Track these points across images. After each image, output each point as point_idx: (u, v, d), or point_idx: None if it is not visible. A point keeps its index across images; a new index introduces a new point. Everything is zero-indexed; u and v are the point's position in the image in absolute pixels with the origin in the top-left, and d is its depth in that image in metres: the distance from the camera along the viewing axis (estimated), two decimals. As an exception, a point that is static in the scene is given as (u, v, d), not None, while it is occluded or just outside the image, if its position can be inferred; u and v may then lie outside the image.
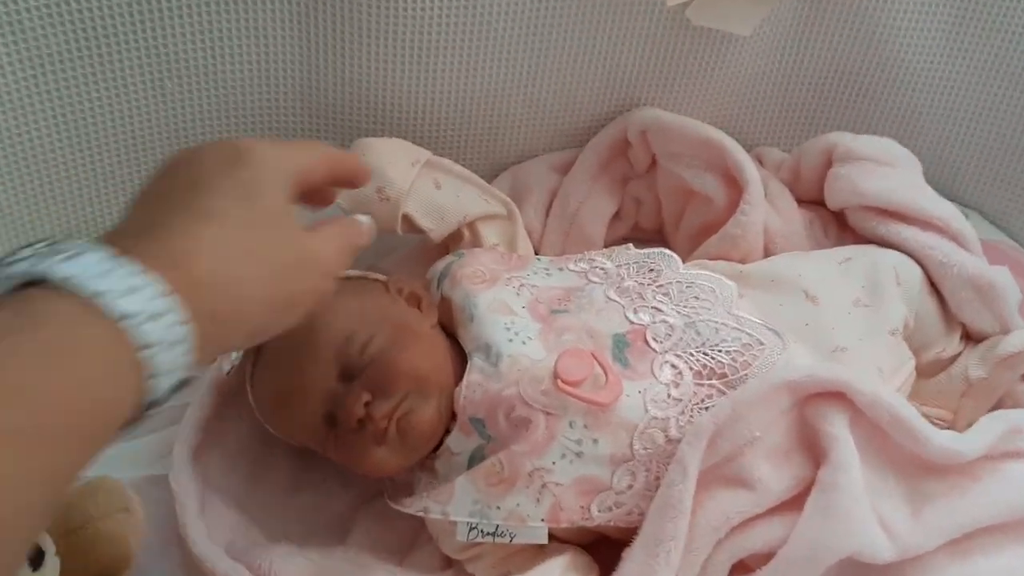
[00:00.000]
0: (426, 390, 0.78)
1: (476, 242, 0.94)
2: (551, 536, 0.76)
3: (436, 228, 0.92)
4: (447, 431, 0.79)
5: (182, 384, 0.47)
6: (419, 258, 0.97)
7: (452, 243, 0.95)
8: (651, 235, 1.06)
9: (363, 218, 0.68)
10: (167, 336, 0.45)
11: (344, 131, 0.98)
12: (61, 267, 0.43)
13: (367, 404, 0.76)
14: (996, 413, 0.81)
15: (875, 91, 1.08)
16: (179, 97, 0.91)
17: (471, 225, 0.94)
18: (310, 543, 0.81)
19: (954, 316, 0.91)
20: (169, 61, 0.88)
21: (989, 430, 0.76)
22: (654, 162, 1.02)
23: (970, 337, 0.92)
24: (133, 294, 0.44)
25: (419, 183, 0.90)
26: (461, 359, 0.81)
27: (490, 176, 1.06)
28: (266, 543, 0.80)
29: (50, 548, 0.68)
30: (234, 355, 0.77)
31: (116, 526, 0.74)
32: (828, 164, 0.98)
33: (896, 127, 1.09)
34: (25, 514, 0.39)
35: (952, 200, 0.96)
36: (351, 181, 0.67)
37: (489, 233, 0.94)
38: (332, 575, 0.77)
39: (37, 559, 0.65)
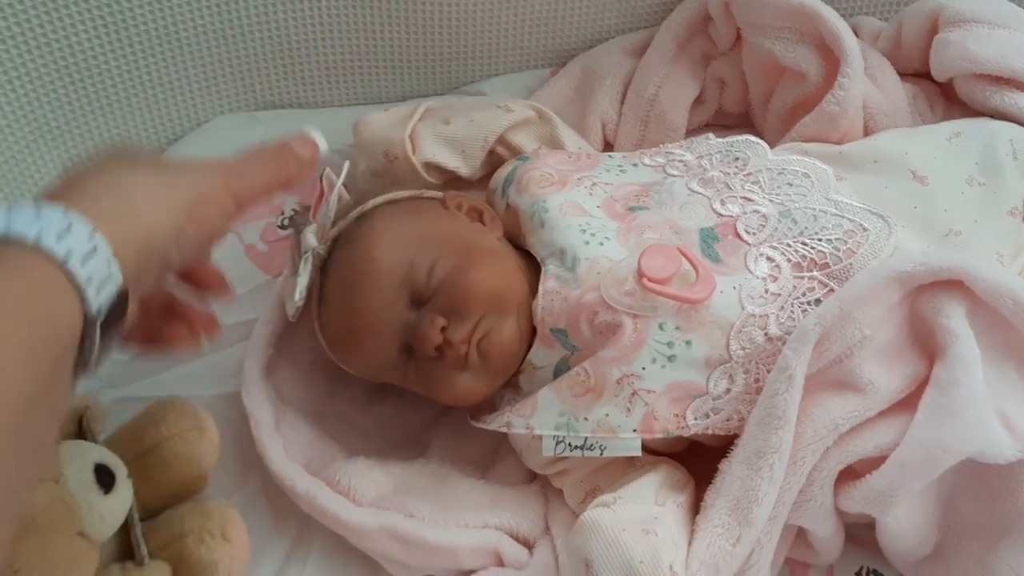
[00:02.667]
0: (503, 308, 0.73)
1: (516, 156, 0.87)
2: (644, 448, 0.72)
3: (463, 163, 0.86)
4: (528, 346, 0.74)
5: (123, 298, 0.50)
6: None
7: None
8: (737, 119, 0.98)
9: (310, 132, 0.64)
10: (79, 247, 0.47)
11: (409, 32, 0.94)
12: None
13: (443, 329, 0.71)
14: None
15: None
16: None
17: (502, 141, 0.87)
18: (388, 456, 0.78)
19: (1081, 195, 0.83)
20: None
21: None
22: (739, 38, 0.93)
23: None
24: (37, 220, 0.47)
25: (423, 129, 0.86)
26: (533, 271, 0.76)
27: (556, 65, 0.99)
28: (344, 458, 0.77)
29: (121, 471, 0.66)
30: (297, 296, 0.74)
31: (188, 446, 0.72)
32: (934, 30, 0.89)
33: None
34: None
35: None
36: (292, 178, 0.62)
37: (524, 141, 0.87)
38: (412, 488, 0.75)
39: (109, 482, 0.64)
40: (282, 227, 0.92)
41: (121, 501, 0.65)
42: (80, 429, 0.69)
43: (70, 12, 0.83)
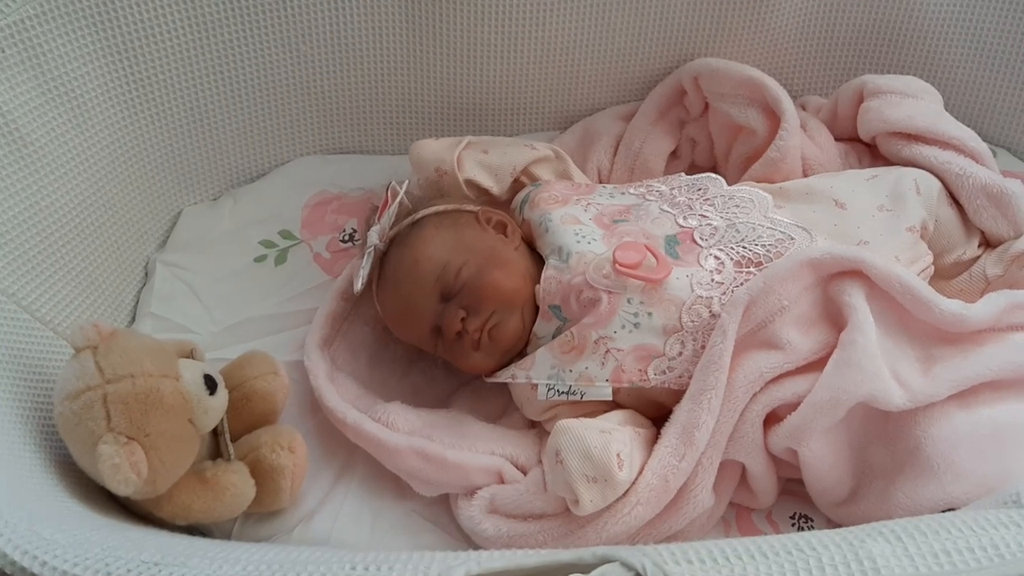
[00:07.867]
0: (510, 306, 0.94)
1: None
2: (618, 405, 0.92)
3: (495, 184, 1.09)
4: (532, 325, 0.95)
5: None
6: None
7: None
8: (706, 171, 1.19)
9: None
10: None
11: (450, 100, 1.20)
12: None
13: (463, 320, 0.93)
14: (1000, 291, 0.91)
15: (907, 41, 1.21)
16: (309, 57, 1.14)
17: (526, 171, 1.10)
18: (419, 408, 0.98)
19: (973, 224, 1.03)
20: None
21: (991, 302, 0.88)
22: (706, 108, 1.17)
23: (989, 244, 1.04)
24: None
25: (467, 155, 1.09)
26: (540, 267, 0.97)
27: (564, 127, 1.23)
28: (383, 402, 0.97)
29: (221, 381, 0.86)
30: (362, 274, 0.96)
31: (266, 384, 0.93)
32: (860, 100, 1.12)
33: (927, 75, 1.19)
34: None
35: (983, 139, 1.07)
36: None
37: (543, 173, 1.10)
38: (437, 425, 0.94)
39: (213, 386, 0.84)
40: (343, 241, 1.15)
41: (220, 401, 0.85)
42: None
43: (197, 64, 1.08)
